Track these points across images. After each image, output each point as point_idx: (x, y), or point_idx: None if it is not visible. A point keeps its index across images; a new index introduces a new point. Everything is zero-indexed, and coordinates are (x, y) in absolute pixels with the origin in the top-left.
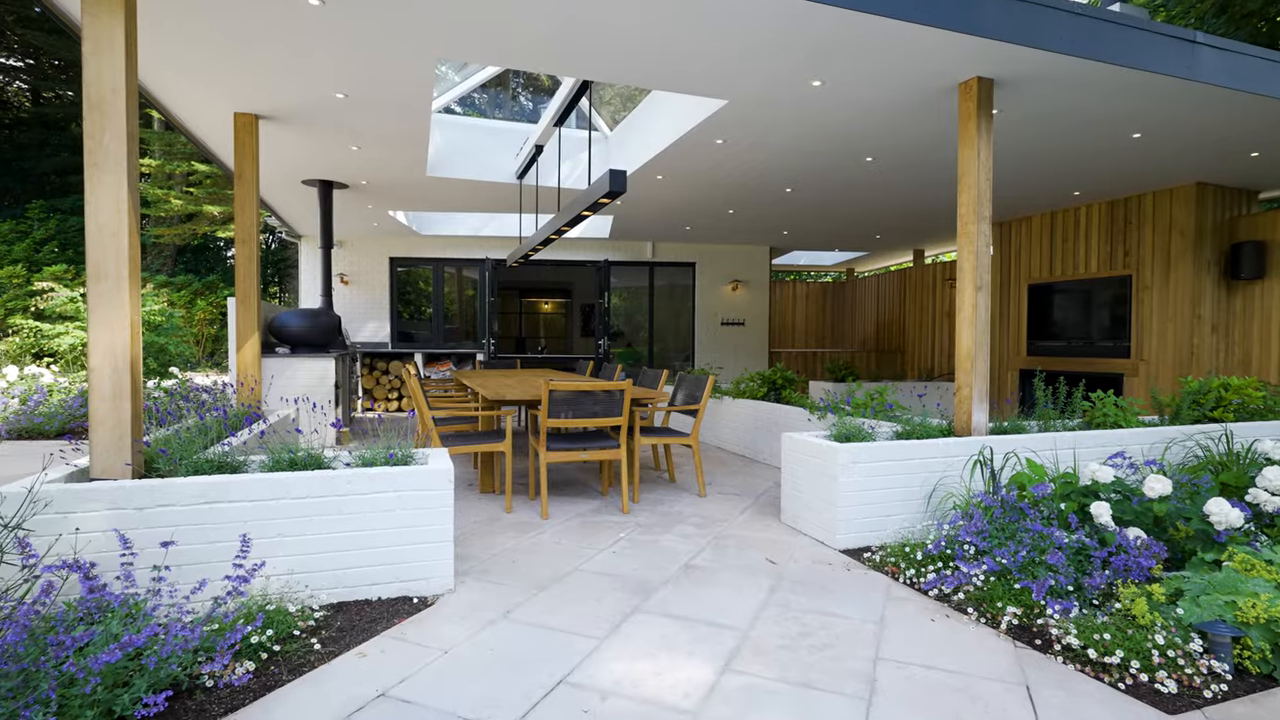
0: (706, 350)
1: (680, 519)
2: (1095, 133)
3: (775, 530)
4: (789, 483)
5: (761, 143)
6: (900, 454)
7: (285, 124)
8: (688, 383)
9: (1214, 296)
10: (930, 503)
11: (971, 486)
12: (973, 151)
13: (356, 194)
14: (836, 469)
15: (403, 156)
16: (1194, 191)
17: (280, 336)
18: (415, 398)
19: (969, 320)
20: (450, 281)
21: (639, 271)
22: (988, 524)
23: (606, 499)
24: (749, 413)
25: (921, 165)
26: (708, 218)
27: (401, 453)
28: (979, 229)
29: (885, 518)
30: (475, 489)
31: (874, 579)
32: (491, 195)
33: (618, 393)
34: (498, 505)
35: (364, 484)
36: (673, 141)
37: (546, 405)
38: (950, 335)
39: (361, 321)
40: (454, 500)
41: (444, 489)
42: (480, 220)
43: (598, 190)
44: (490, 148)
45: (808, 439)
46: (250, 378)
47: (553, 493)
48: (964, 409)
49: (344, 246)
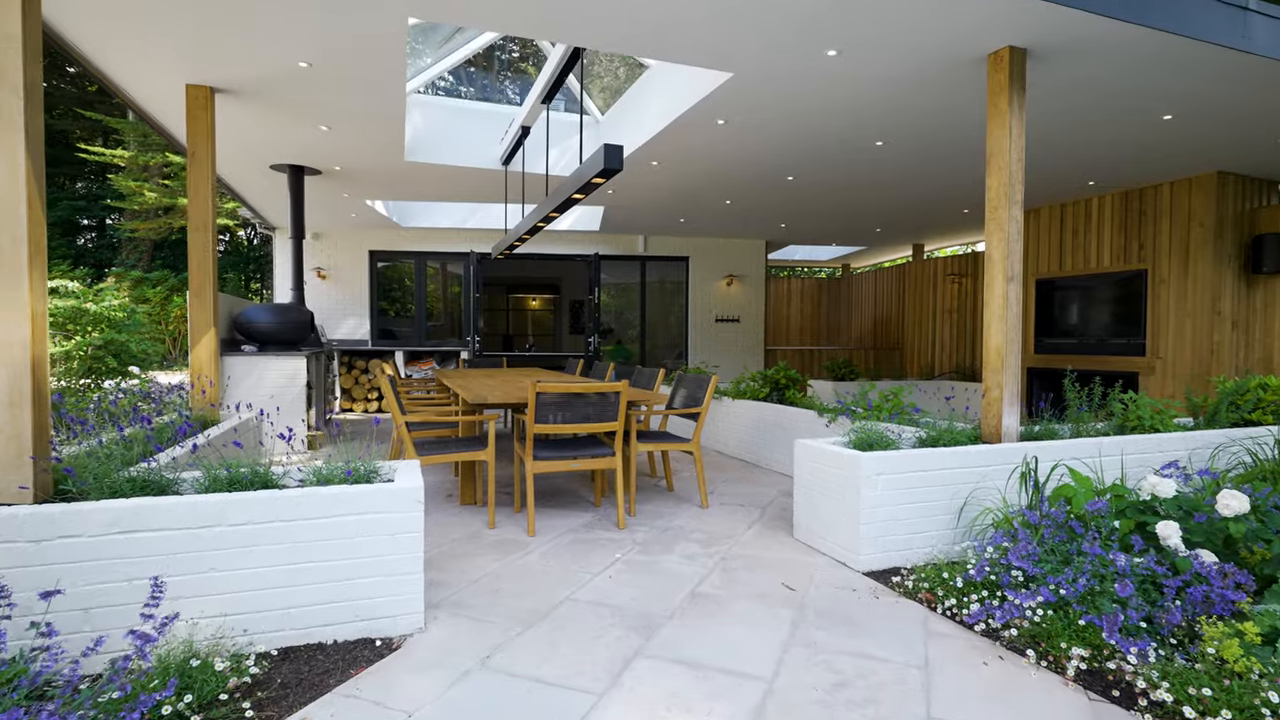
0: (700, 348)
1: (682, 535)
2: (1123, 115)
3: (788, 548)
4: (802, 495)
5: (765, 124)
6: (928, 464)
7: (245, 99)
8: (687, 383)
9: (1234, 291)
10: (961, 518)
11: (1009, 500)
12: (1004, 129)
13: (331, 181)
14: (859, 482)
15: (378, 138)
16: (1214, 181)
17: (247, 334)
18: (389, 401)
19: (999, 315)
20: (433, 276)
21: (630, 266)
22: (1036, 546)
23: (599, 511)
24: (750, 415)
25: (934, 151)
26: (704, 209)
27: (364, 468)
28: (1010, 214)
29: (912, 535)
30: (455, 500)
31: (908, 609)
32: (475, 183)
33: (612, 395)
34: (479, 520)
35: (317, 506)
36: (670, 122)
37: (533, 409)
38: (952, 332)
39: (340, 318)
40: (432, 513)
41: (413, 511)
42: (464, 212)
43: (591, 168)
44: (473, 131)
45: (825, 447)
46: (205, 379)
47: (540, 504)
48: (993, 413)
49: (321, 240)
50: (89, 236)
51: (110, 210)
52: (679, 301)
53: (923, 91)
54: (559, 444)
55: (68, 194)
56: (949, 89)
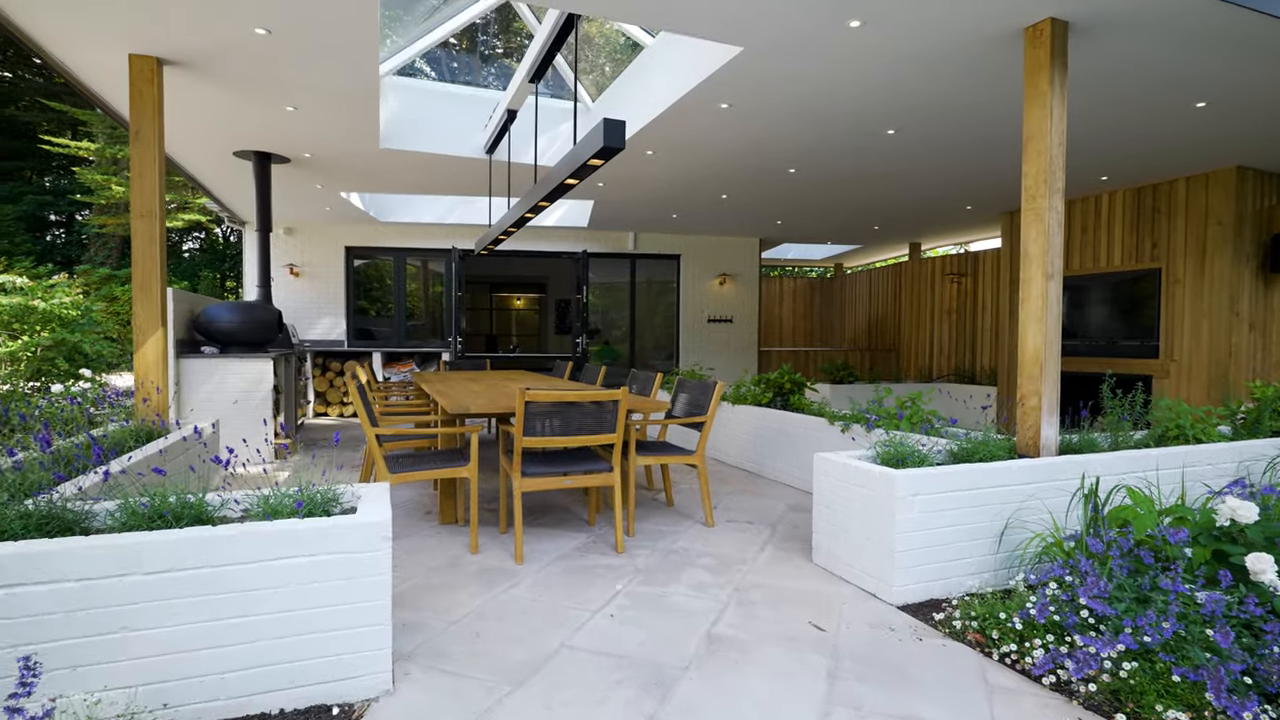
0: (691, 349)
1: (688, 560)
2: (1156, 103)
3: (808, 575)
4: (824, 515)
5: (772, 107)
6: (968, 482)
7: (199, 73)
8: (690, 389)
9: (1251, 292)
10: (1001, 543)
11: (1058, 522)
12: (1043, 110)
13: (301, 171)
14: (894, 503)
15: (350, 122)
16: (1234, 176)
17: (208, 334)
18: (358, 410)
19: (1036, 315)
20: (414, 274)
21: (620, 264)
22: (1106, 581)
23: (594, 532)
24: (753, 422)
25: (947, 141)
26: (698, 204)
27: (320, 495)
28: (1050, 204)
29: (950, 563)
30: (434, 518)
31: (958, 655)
32: (457, 173)
33: (610, 404)
34: (461, 543)
35: (257, 547)
36: (670, 106)
37: (522, 420)
38: (951, 333)
39: (314, 317)
40: (407, 535)
41: (379, 549)
42: (446, 207)
43: (588, 149)
44: (455, 117)
45: (851, 463)
46: (151, 384)
47: (529, 522)
48: (1031, 424)
49: (294, 235)
50: (57, 232)
51: (80, 205)
52: (670, 301)
53: (944, 72)
54: (550, 458)
55: (34, 188)
56: (974, 70)
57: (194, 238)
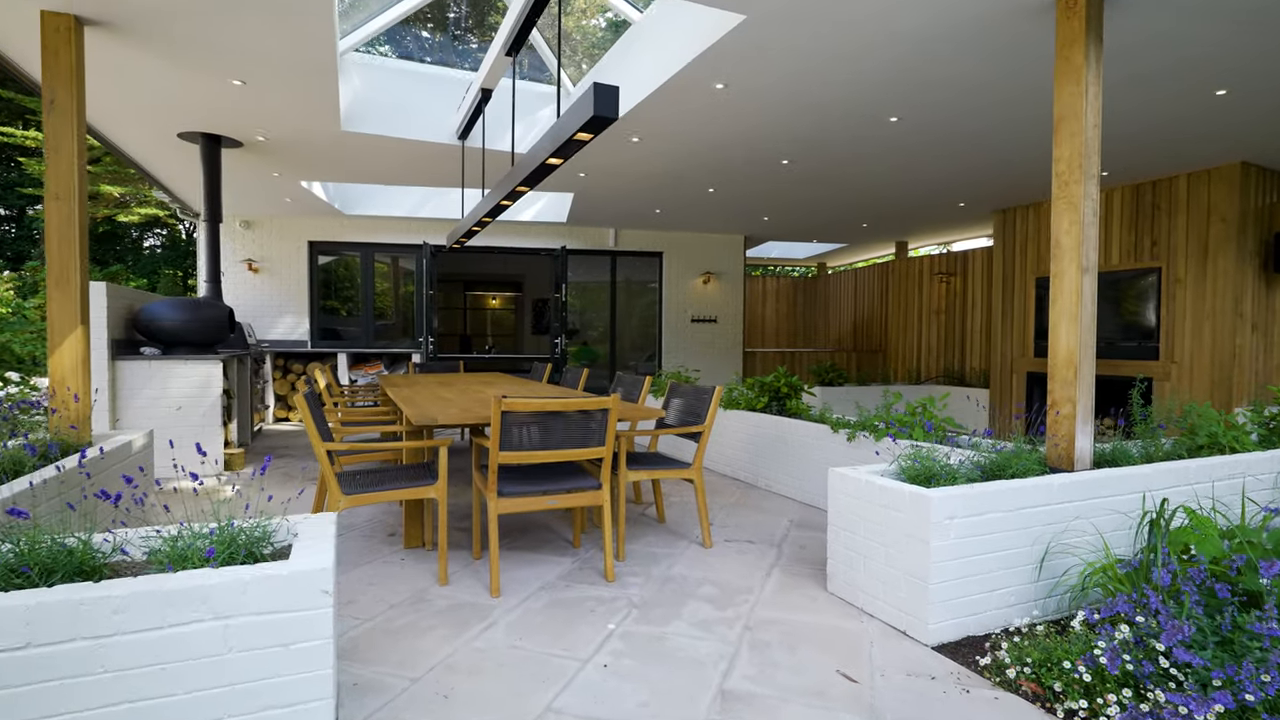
0: (674, 350)
1: (688, 589)
2: (1174, 86)
3: (825, 608)
4: (840, 538)
5: (769, 89)
6: (1009, 502)
7: (126, 35)
8: (684, 395)
9: (1254, 292)
10: (1042, 570)
11: (1110, 547)
12: (1078, 86)
13: (256, 156)
14: (929, 528)
15: (307, 100)
16: (1238, 173)
17: (150, 334)
18: (307, 423)
19: (1069, 313)
20: (384, 272)
21: (599, 262)
22: (1188, 623)
23: (580, 555)
24: (746, 428)
25: (951, 131)
26: (683, 197)
27: (246, 535)
28: (1085, 190)
29: (987, 595)
30: (399, 541)
31: (1017, 713)
32: (428, 161)
33: (598, 413)
34: (428, 572)
35: (151, 611)
36: (661, 85)
37: (498, 432)
38: (939, 334)
39: (275, 316)
40: (366, 563)
41: (315, 607)
42: (417, 200)
43: (575, 119)
44: (425, 98)
45: (873, 480)
46: (67, 390)
47: (506, 544)
48: (1064, 434)
49: (253, 228)
50: (7, 227)
51: (32, 199)
52: (651, 300)
53: (958, 50)
54: (531, 474)
55: None
56: (991, 48)
57: (157, 234)
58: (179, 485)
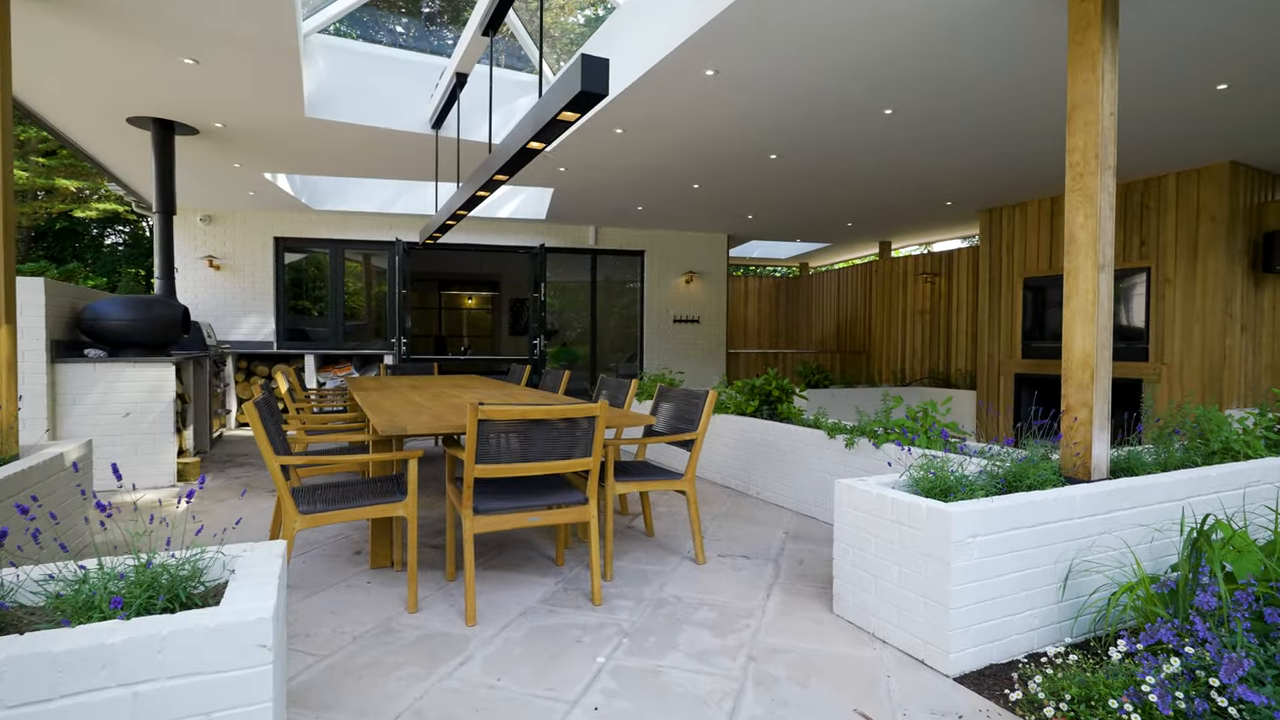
0: (656, 351)
1: (683, 613)
2: (1177, 79)
3: (833, 633)
4: (848, 556)
5: (762, 75)
6: (1033, 517)
7: (61, 5)
8: (673, 399)
9: (1243, 292)
10: (1065, 590)
11: (1140, 562)
12: (1093, 73)
13: (215, 145)
14: (950, 547)
15: (267, 82)
16: (1228, 171)
17: (95, 334)
18: (258, 435)
19: (1085, 313)
20: (355, 270)
21: (579, 261)
22: (1245, 655)
23: (564, 574)
24: (735, 433)
25: (947, 124)
26: (667, 194)
27: (171, 573)
28: (1101, 182)
29: (1008, 618)
30: (365, 559)
31: None
32: (400, 152)
33: (585, 421)
34: (397, 597)
35: (35, 682)
36: (648, 70)
37: (475, 443)
38: (924, 335)
39: (238, 316)
40: (328, 587)
41: (251, 665)
42: (389, 194)
43: (560, 96)
44: (395, 84)
45: (885, 494)
46: None
47: (483, 562)
48: (1079, 440)
49: (214, 223)
50: None
51: None
52: (632, 300)
53: (954, 36)
54: (510, 488)
55: None
56: (991, 34)
57: (119, 231)
58: (125, 499)
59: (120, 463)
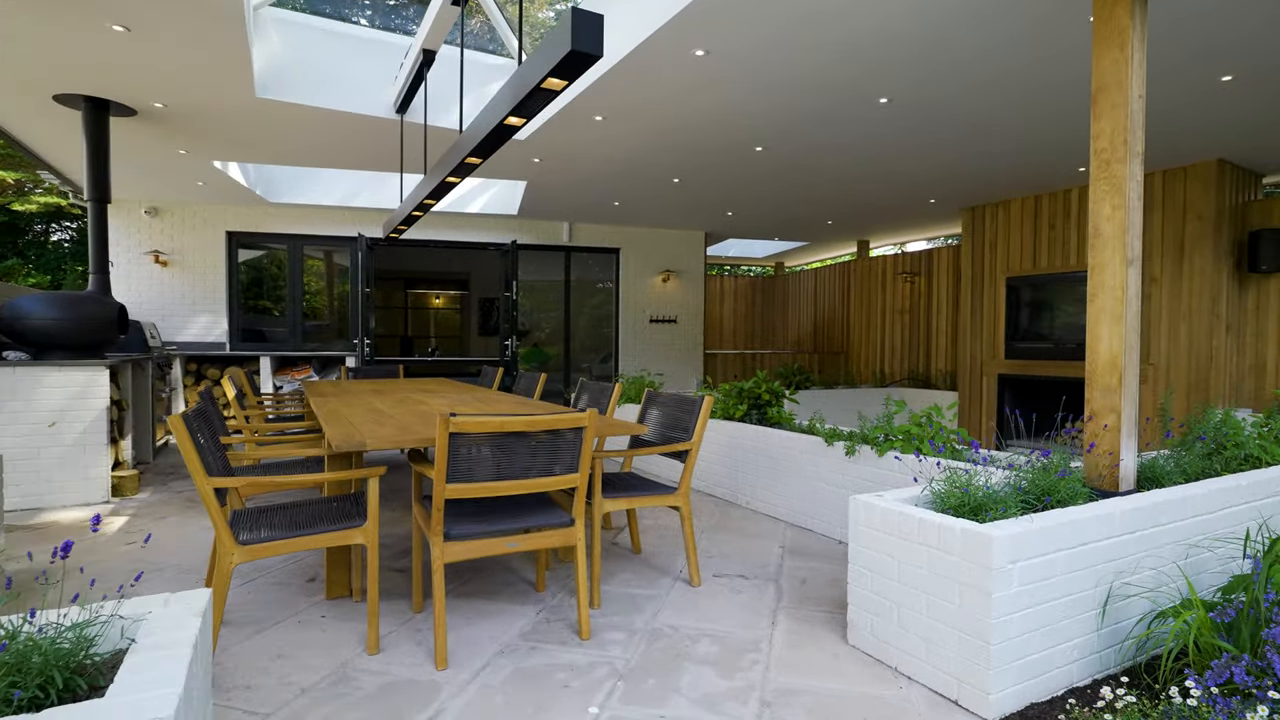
0: (632, 352)
1: (682, 646)
2: (1181, 73)
3: (851, 668)
4: (865, 581)
5: (754, 54)
6: (1075, 537)
7: None
8: (663, 406)
9: (1229, 292)
10: (1105, 617)
11: (1192, 587)
12: (1121, 51)
13: (156, 128)
14: (990, 575)
15: (211, 55)
16: (1214, 170)
17: (15, 334)
18: (184, 450)
19: (1112, 311)
20: (317, 268)
21: (552, 259)
22: None
23: (546, 602)
24: (723, 439)
25: (943, 115)
26: (645, 187)
27: (41, 656)
28: (1130, 170)
29: (1050, 650)
30: (320, 587)
31: None
32: (362, 139)
33: (570, 433)
34: (355, 634)
35: None
36: (633, 49)
37: (446, 459)
38: (904, 335)
39: (188, 315)
40: (276, 624)
41: None
42: (352, 186)
43: (546, 60)
44: (356, 64)
45: (909, 513)
46: None
47: (455, 589)
48: (1107, 449)
49: (160, 216)
50: None
51: None
52: (604, 299)
53: (957, 20)
54: (486, 509)
55: None
56: (995, 12)
57: (66, 227)
58: (48, 520)
59: (46, 478)
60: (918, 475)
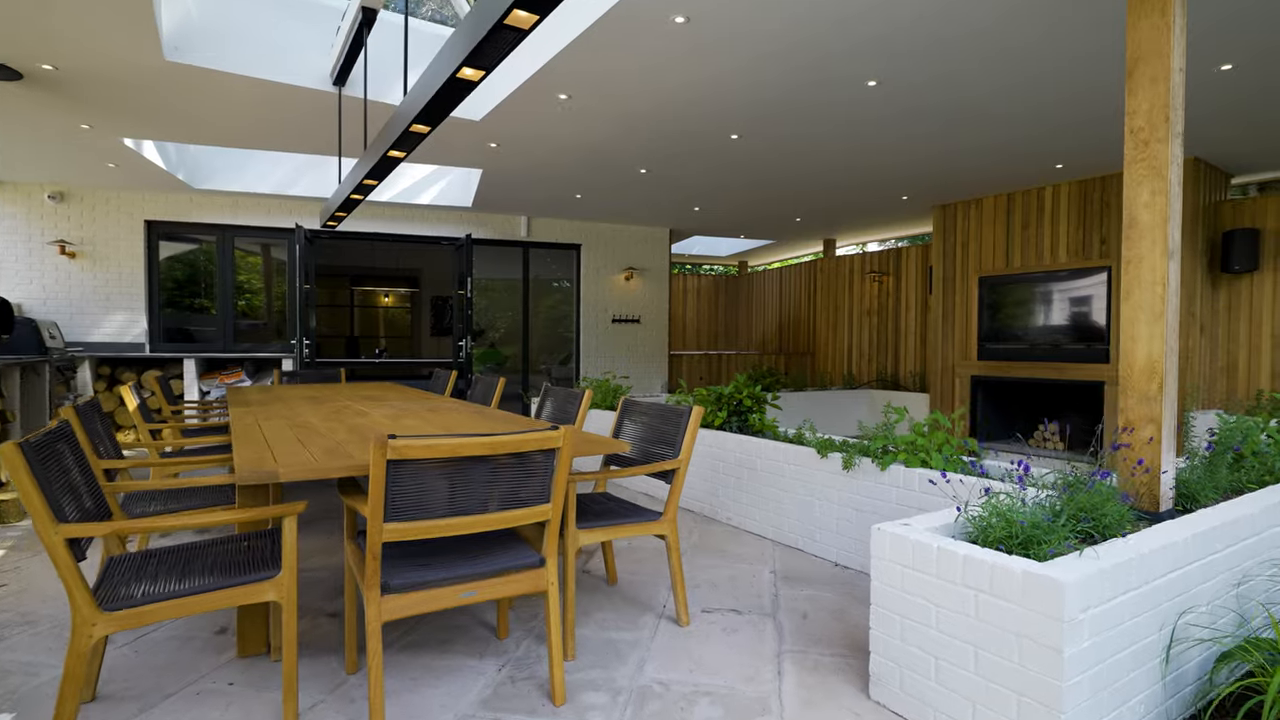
0: (593, 353)
1: (676, 708)
2: (1191, 58)
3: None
4: (892, 627)
5: (739, 21)
6: (1138, 575)
7: None
8: (644, 415)
9: (1202, 293)
10: (1169, 663)
11: (1274, 620)
12: (1162, 18)
13: (48, 96)
14: (1060, 629)
15: (109, 9)
16: (1190, 168)
17: None
18: (21, 490)
19: (1152, 310)
20: (254, 264)
21: (509, 254)
22: None
23: (508, 653)
24: (700, 449)
25: (928, 100)
26: (610, 179)
27: None
28: (1170, 151)
29: (1119, 711)
30: (231, 642)
31: None
32: (293, 113)
33: (540, 455)
34: (271, 705)
35: None
36: (606, 12)
37: (382, 495)
38: (872, 337)
39: (100, 313)
40: (175, 692)
41: None
42: (288, 173)
43: None
44: (287, 27)
45: (949, 549)
46: None
47: (396, 641)
48: (1148, 464)
49: (67, 202)
50: None
51: None
52: (559, 298)
53: None
54: (436, 549)
55: None
56: None
57: None
58: None
59: None
60: (945, 495)
